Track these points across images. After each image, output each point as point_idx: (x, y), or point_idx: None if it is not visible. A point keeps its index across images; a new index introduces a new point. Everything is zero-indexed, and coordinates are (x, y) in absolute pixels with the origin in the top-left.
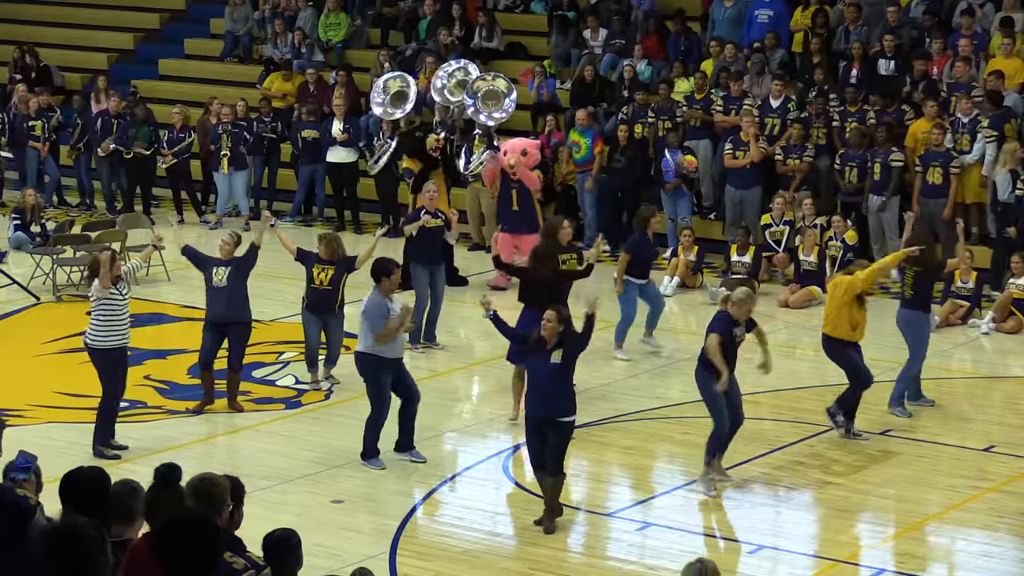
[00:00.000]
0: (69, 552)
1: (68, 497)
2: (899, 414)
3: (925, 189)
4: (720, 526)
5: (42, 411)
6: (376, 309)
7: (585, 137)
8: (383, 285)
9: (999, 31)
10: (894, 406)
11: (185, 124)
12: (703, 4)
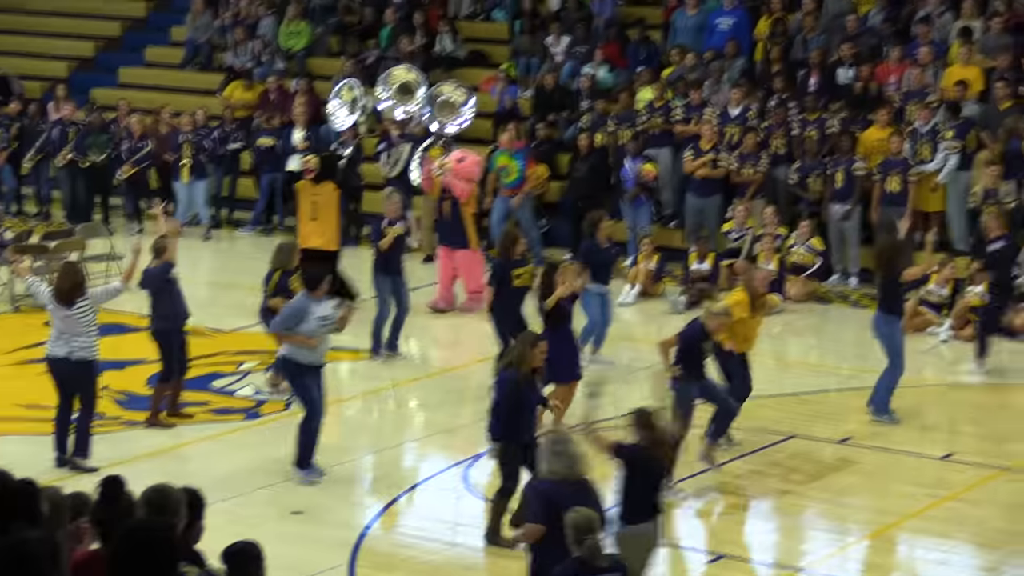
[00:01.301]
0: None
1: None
2: (886, 421)
3: (884, 197)
4: (681, 535)
5: (4, 424)
6: (293, 311)
7: (516, 160)
8: (313, 292)
9: (958, 39)
10: (880, 414)
11: (144, 132)
12: (664, 13)
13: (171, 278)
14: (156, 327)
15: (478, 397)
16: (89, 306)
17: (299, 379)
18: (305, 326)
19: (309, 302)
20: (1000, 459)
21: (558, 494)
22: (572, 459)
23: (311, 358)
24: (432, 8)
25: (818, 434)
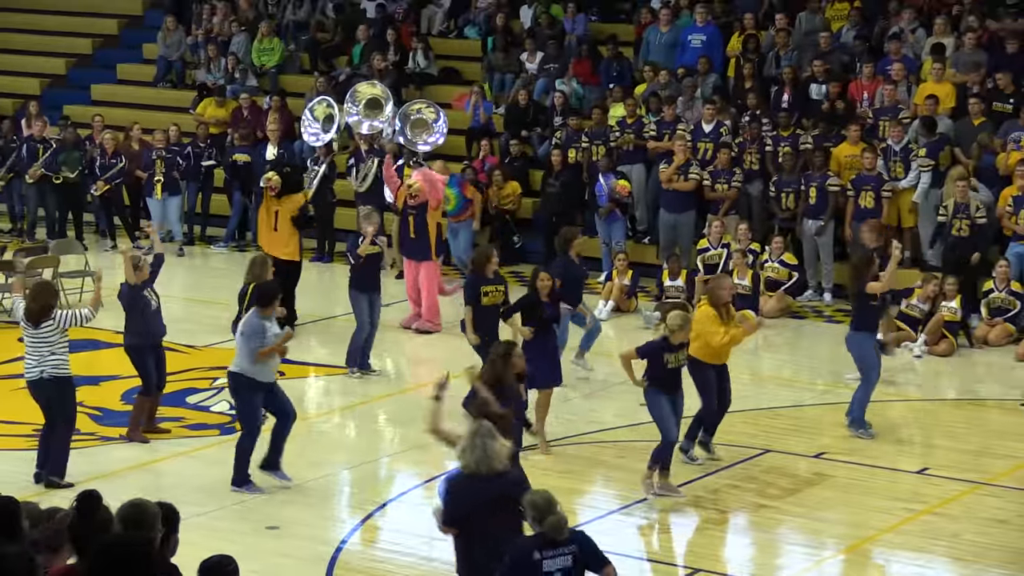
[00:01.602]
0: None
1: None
2: (863, 435)
3: (857, 213)
4: (656, 550)
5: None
6: (253, 331)
7: (450, 187)
8: (264, 310)
9: (930, 56)
10: (856, 428)
11: (117, 149)
12: (636, 30)
13: (146, 295)
14: (128, 343)
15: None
16: (54, 327)
17: (247, 395)
18: (265, 342)
19: (263, 320)
20: (975, 474)
21: (472, 488)
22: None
23: (262, 375)
24: (405, 25)
25: (793, 448)
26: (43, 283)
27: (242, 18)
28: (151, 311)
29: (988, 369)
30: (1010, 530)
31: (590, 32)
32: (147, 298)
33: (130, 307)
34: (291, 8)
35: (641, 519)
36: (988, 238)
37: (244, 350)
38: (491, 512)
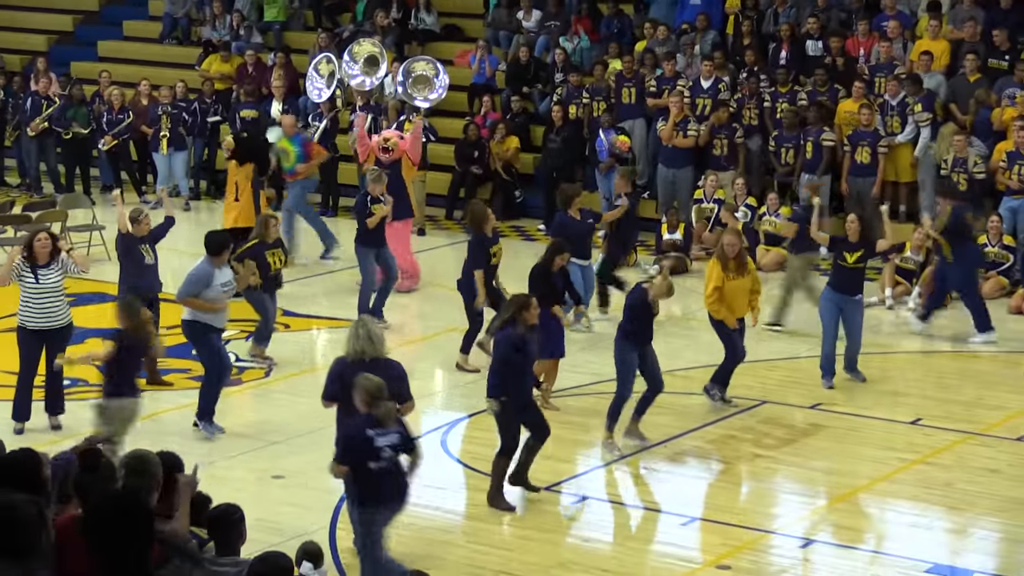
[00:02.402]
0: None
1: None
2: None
3: (854, 168)
4: (653, 499)
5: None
6: (198, 277)
7: (294, 144)
8: (215, 259)
9: (927, 13)
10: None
11: (124, 105)
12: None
13: (141, 250)
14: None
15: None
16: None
17: (204, 340)
18: (209, 292)
19: (212, 268)
20: (967, 424)
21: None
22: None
23: (214, 321)
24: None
25: (789, 400)
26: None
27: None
28: (145, 265)
29: None
30: (1001, 479)
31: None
32: (142, 252)
33: (124, 257)
34: None
35: (639, 468)
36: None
37: (183, 289)
38: None
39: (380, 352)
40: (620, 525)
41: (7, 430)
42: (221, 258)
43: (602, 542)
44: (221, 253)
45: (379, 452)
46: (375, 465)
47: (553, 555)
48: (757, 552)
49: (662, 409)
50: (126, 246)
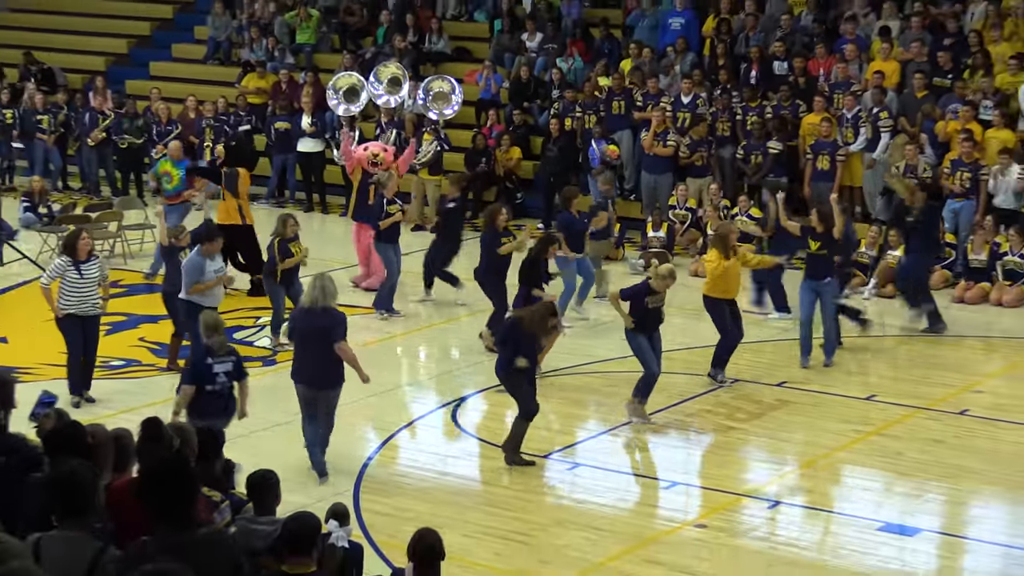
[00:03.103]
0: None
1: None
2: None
3: (815, 174)
4: (639, 465)
5: (48, 369)
6: (192, 267)
7: (178, 168)
8: (204, 248)
9: (879, 37)
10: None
11: (171, 118)
12: (624, 14)
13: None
14: (163, 289)
15: (464, 349)
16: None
17: (197, 317)
18: (204, 277)
19: (203, 258)
20: (916, 400)
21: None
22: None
23: (207, 301)
24: (422, 10)
25: (759, 378)
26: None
27: (281, 3)
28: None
29: None
30: (946, 449)
31: (584, 16)
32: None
33: (167, 259)
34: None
35: (627, 439)
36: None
37: (184, 281)
38: (316, 336)
39: (329, 303)
40: (609, 488)
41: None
42: (208, 248)
43: (594, 503)
44: (209, 242)
45: (215, 377)
46: (210, 387)
47: (551, 515)
48: (730, 513)
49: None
50: (170, 250)
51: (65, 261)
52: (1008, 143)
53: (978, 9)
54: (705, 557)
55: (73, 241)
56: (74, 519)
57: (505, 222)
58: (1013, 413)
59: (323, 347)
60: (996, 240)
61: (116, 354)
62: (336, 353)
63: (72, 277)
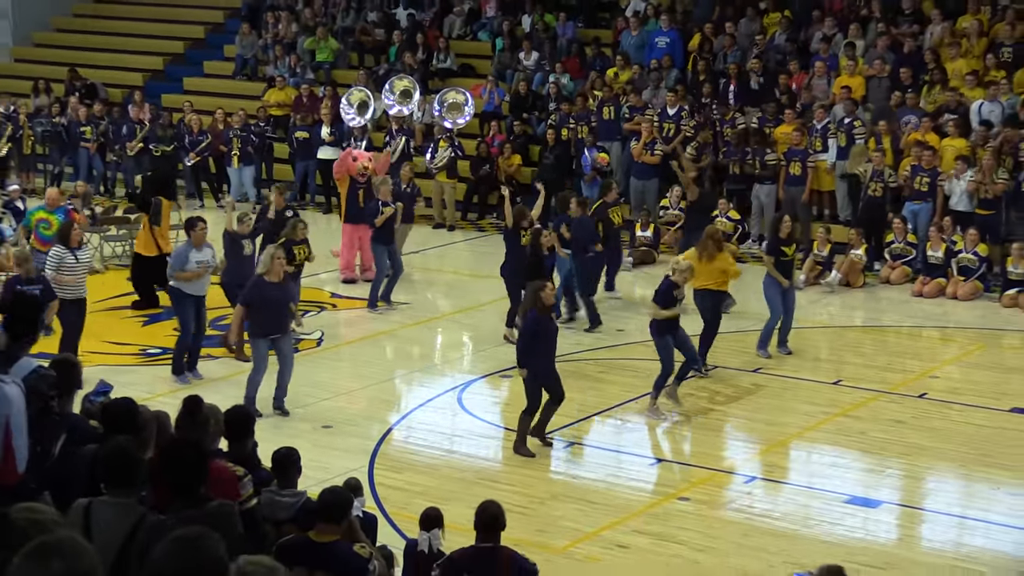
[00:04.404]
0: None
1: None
2: (762, 355)
3: (788, 179)
4: (627, 444)
5: (95, 356)
6: (176, 256)
7: (57, 215)
8: (192, 237)
9: (844, 55)
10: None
11: (202, 128)
12: (614, 34)
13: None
14: (223, 280)
15: (465, 339)
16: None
17: (180, 304)
18: (188, 266)
19: (189, 248)
20: (879, 384)
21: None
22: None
23: (191, 289)
24: (431, 30)
25: (736, 365)
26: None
27: (303, 24)
28: (244, 255)
29: (890, 302)
30: (906, 429)
31: (577, 35)
32: (243, 245)
33: (228, 252)
34: (341, 16)
35: (616, 420)
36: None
37: (168, 269)
38: (278, 301)
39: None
40: (600, 465)
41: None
42: (193, 238)
43: (586, 479)
44: (192, 232)
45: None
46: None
47: (548, 489)
48: (710, 487)
49: (634, 372)
50: (231, 240)
51: (61, 249)
52: (962, 151)
53: (935, 30)
54: (687, 527)
55: (67, 231)
56: (121, 489)
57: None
58: (967, 396)
59: (281, 307)
60: (952, 239)
61: (153, 343)
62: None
63: (70, 262)
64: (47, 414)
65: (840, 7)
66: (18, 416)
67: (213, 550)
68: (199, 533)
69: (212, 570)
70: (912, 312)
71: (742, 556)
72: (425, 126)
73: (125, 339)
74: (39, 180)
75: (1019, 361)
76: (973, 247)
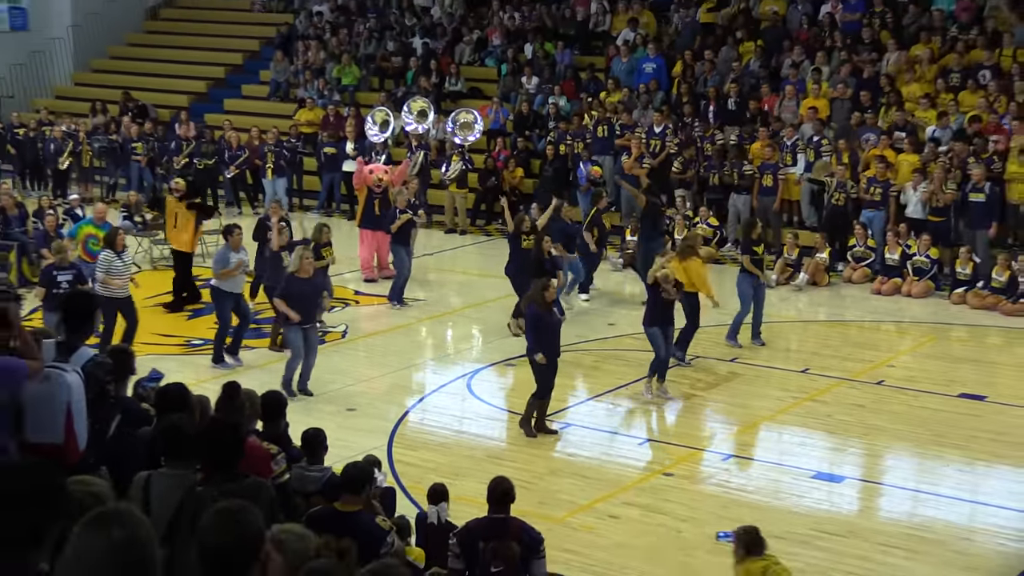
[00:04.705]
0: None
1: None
2: (732, 344)
3: (761, 190)
4: (617, 426)
5: (145, 347)
6: (218, 257)
7: (104, 229)
8: (230, 241)
9: (811, 79)
10: (729, 339)
11: (240, 144)
12: (607, 60)
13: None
14: (264, 283)
15: (474, 331)
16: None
17: (220, 301)
18: (228, 266)
19: (228, 251)
20: (842, 372)
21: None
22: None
23: (229, 287)
24: (443, 57)
25: (714, 355)
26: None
27: (330, 52)
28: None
29: (852, 300)
30: (866, 412)
31: (574, 62)
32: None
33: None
34: (363, 45)
35: (608, 404)
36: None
37: (213, 269)
38: (308, 295)
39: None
40: (593, 444)
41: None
42: (231, 241)
43: (581, 456)
44: (230, 238)
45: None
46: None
47: (547, 465)
48: (691, 464)
49: (625, 361)
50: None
51: (109, 254)
52: (916, 165)
53: (891, 57)
54: (672, 500)
55: (113, 237)
56: (177, 461)
57: (529, 224)
58: (920, 383)
59: (314, 298)
60: (907, 243)
61: (197, 335)
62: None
63: (117, 265)
64: (103, 398)
65: (807, 37)
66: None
67: (253, 522)
68: (241, 506)
69: (251, 540)
70: (871, 308)
71: (720, 525)
72: (439, 142)
73: (171, 331)
74: (96, 190)
75: (966, 352)
76: (926, 250)
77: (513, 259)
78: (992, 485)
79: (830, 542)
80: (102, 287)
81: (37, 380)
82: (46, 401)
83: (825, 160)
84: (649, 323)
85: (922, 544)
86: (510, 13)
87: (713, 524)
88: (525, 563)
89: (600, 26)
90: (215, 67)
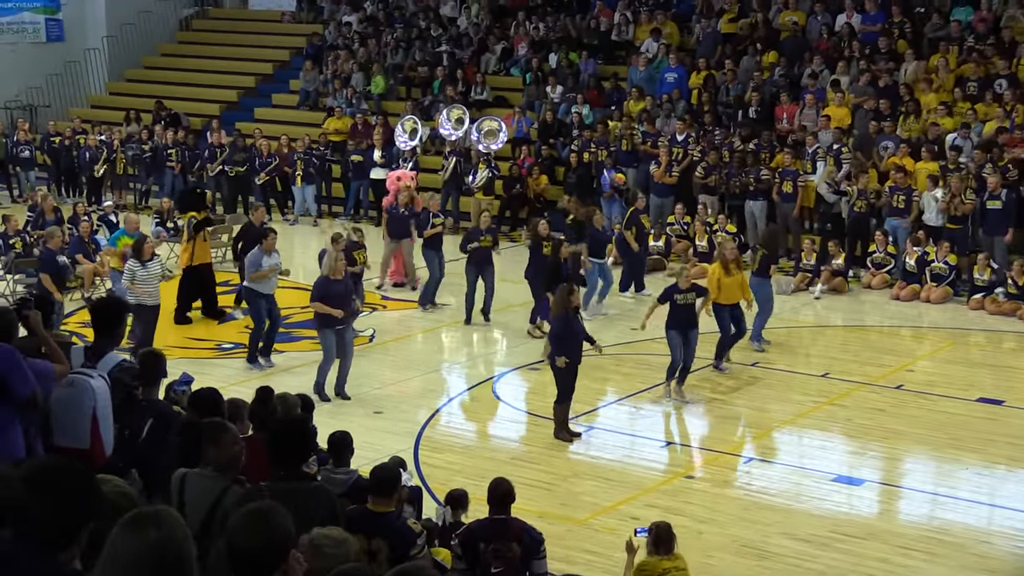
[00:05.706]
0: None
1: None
2: (755, 347)
3: (781, 196)
4: (640, 429)
5: (175, 350)
6: (252, 260)
7: (136, 238)
8: (264, 245)
9: (831, 88)
10: (753, 341)
11: (270, 152)
12: (629, 69)
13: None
14: None
15: (498, 336)
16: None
17: (254, 301)
18: (261, 269)
19: (261, 253)
20: (861, 377)
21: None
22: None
23: (263, 288)
24: (469, 66)
25: (736, 360)
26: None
27: (358, 61)
28: None
29: (872, 305)
30: (886, 416)
31: (597, 71)
32: None
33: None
34: (391, 55)
35: (630, 407)
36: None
37: (246, 272)
38: (341, 295)
39: (340, 275)
40: (616, 447)
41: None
42: (265, 246)
43: (603, 459)
44: (262, 242)
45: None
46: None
47: (569, 468)
48: (713, 467)
49: (647, 365)
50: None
51: (133, 263)
52: (934, 173)
53: (909, 67)
54: (693, 502)
55: (140, 246)
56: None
57: (546, 231)
58: (939, 388)
59: (346, 298)
60: (925, 250)
61: (227, 339)
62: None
63: (142, 275)
64: (132, 402)
65: (826, 47)
66: (104, 407)
67: (282, 524)
68: (270, 507)
69: (280, 542)
70: (891, 314)
71: (741, 527)
72: (465, 150)
73: (203, 336)
74: (130, 197)
75: (984, 357)
76: (944, 257)
77: (532, 263)
78: (1010, 489)
79: (850, 544)
80: (131, 294)
81: (63, 384)
82: (71, 406)
83: (831, 168)
84: (669, 326)
85: (941, 547)
86: (535, 23)
87: (734, 526)
88: (525, 563)
89: (623, 36)
90: (246, 76)
